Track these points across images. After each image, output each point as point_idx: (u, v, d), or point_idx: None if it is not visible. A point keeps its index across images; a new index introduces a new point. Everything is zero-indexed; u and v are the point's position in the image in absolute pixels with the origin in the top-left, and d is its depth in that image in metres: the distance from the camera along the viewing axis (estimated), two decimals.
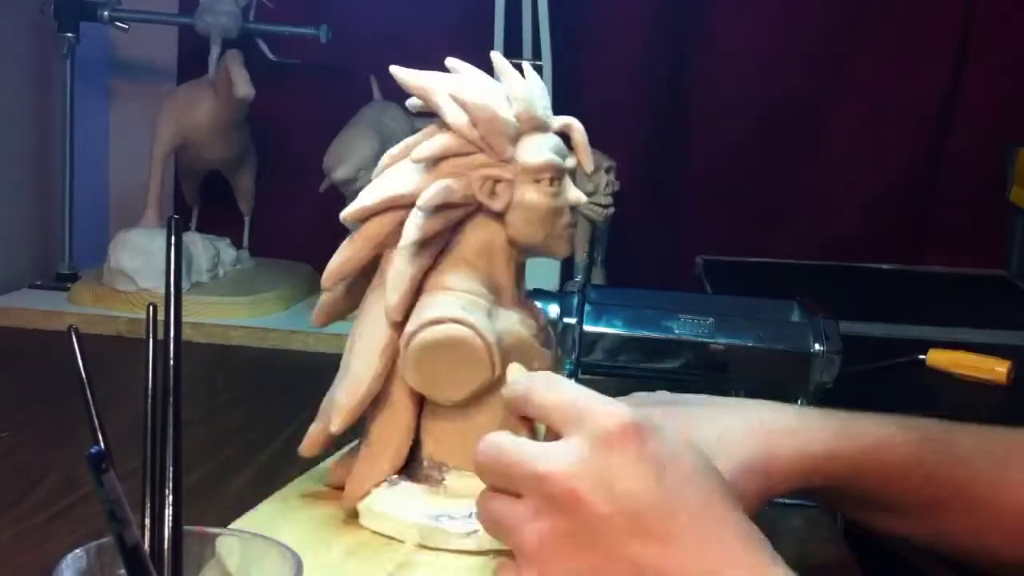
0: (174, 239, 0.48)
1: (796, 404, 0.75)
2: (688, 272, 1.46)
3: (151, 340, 0.47)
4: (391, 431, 0.65)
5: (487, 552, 0.60)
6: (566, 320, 0.90)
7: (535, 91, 0.66)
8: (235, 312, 1.26)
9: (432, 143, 0.64)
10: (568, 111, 0.68)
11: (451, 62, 0.66)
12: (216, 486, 0.79)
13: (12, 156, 1.42)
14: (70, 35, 1.36)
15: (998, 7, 1.47)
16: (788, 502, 0.80)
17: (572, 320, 0.91)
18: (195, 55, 1.42)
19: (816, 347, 0.86)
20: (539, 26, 1.27)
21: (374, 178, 0.67)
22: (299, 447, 0.67)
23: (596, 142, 0.69)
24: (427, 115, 0.66)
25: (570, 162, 0.66)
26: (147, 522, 0.45)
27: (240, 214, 1.45)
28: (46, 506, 0.75)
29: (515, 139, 0.64)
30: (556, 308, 0.90)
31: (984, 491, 0.67)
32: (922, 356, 1.12)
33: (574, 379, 0.90)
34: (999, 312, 1.32)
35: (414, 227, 0.62)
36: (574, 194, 0.65)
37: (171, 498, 0.45)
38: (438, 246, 0.65)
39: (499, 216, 0.64)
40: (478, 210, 0.64)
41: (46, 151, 1.45)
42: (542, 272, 1.09)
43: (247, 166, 1.43)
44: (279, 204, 1.50)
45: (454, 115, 0.63)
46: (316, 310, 0.70)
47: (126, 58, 1.58)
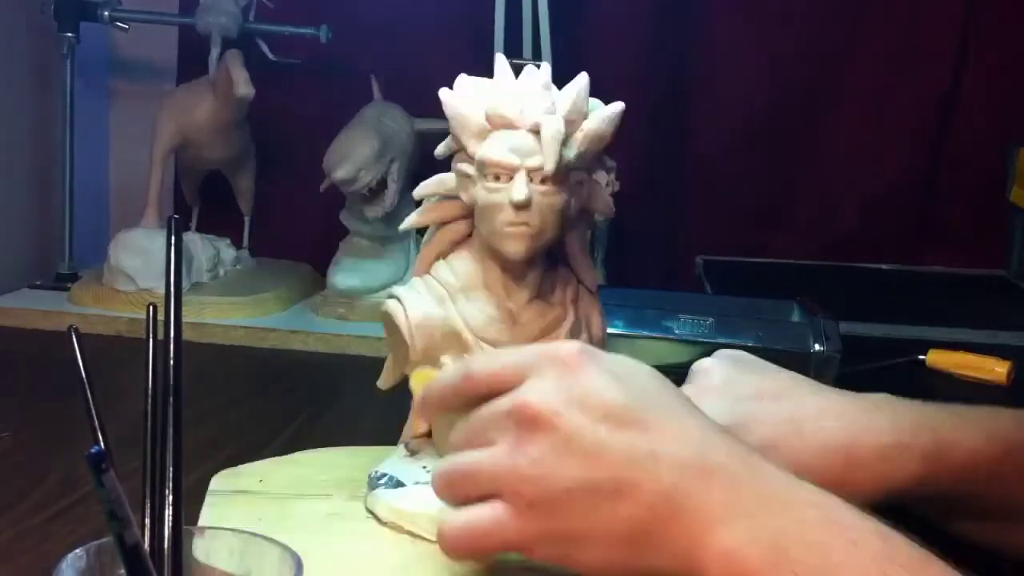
0: (174, 239, 0.48)
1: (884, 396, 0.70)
2: (688, 272, 1.46)
3: (151, 340, 0.47)
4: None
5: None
6: None
7: (523, 90, 0.66)
8: (235, 312, 1.26)
9: (445, 142, 0.69)
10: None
11: (499, 61, 0.69)
12: None
13: (12, 156, 1.42)
14: (70, 35, 1.36)
15: (998, 7, 1.47)
16: None
17: None
18: (195, 55, 1.42)
19: (816, 347, 0.86)
20: (539, 26, 1.27)
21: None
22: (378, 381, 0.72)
23: None
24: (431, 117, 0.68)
25: (532, 160, 0.65)
26: (147, 522, 0.45)
27: (240, 214, 1.45)
28: (46, 506, 0.74)
29: (483, 136, 0.65)
30: None
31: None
32: (922, 356, 1.12)
33: None
34: (999, 312, 1.32)
35: (413, 215, 0.70)
36: (514, 191, 0.64)
37: (171, 498, 0.45)
38: (456, 234, 0.69)
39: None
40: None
41: (46, 151, 1.45)
42: None
43: (247, 166, 1.43)
44: (279, 204, 1.50)
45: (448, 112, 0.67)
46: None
47: (126, 58, 1.58)
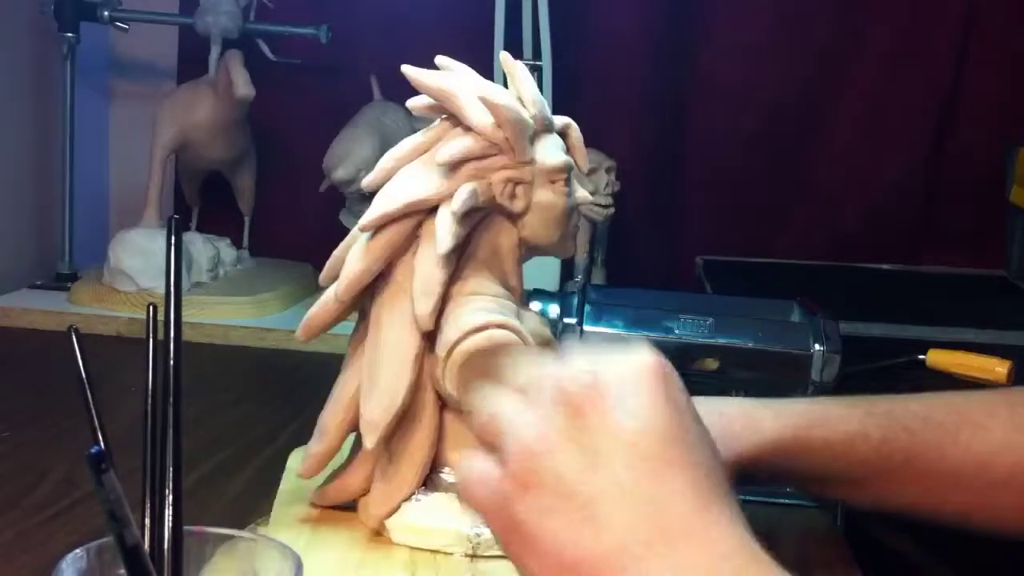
0: (174, 239, 0.47)
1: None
2: (688, 272, 1.46)
3: (151, 340, 0.47)
4: (417, 444, 0.64)
5: None
6: (566, 320, 0.90)
7: (534, 92, 0.66)
8: (235, 312, 1.26)
9: (457, 145, 0.63)
10: (568, 111, 0.68)
11: (441, 60, 0.66)
12: (216, 486, 0.79)
13: (12, 156, 1.42)
14: (70, 35, 1.36)
15: (998, 7, 1.47)
16: (788, 502, 0.80)
17: (572, 320, 0.91)
18: (195, 55, 1.42)
19: (816, 347, 0.86)
20: (539, 26, 1.27)
21: (375, 178, 0.66)
22: (299, 470, 0.67)
23: (596, 142, 0.69)
24: (428, 116, 0.66)
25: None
26: (147, 522, 0.45)
27: (240, 214, 1.45)
28: (46, 506, 0.75)
29: (533, 140, 0.64)
30: (556, 308, 0.90)
31: (934, 457, 0.69)
32: (922, 356, 1.11)
33: None
34: (999, 312, 1.32)
35: (448, 233, 0.61)
36: (582, 194, 0.65)
37: (171, 498, 0.45)
38: (458, 251, 0.64)
39: (511, 218, 0.64)
40: (490, 213, 0.64)
41: (46, 151, 1.45)
42: (542, 272, 1.09)
43: (247, 166, 1.43)
44: (279, 204, 1.50)
45: (479, 117, 0.62)
46: (301, 328, 0.68)
47: (126, 58, 1.58)
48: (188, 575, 0.46)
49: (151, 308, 0.48)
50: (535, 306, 0.82)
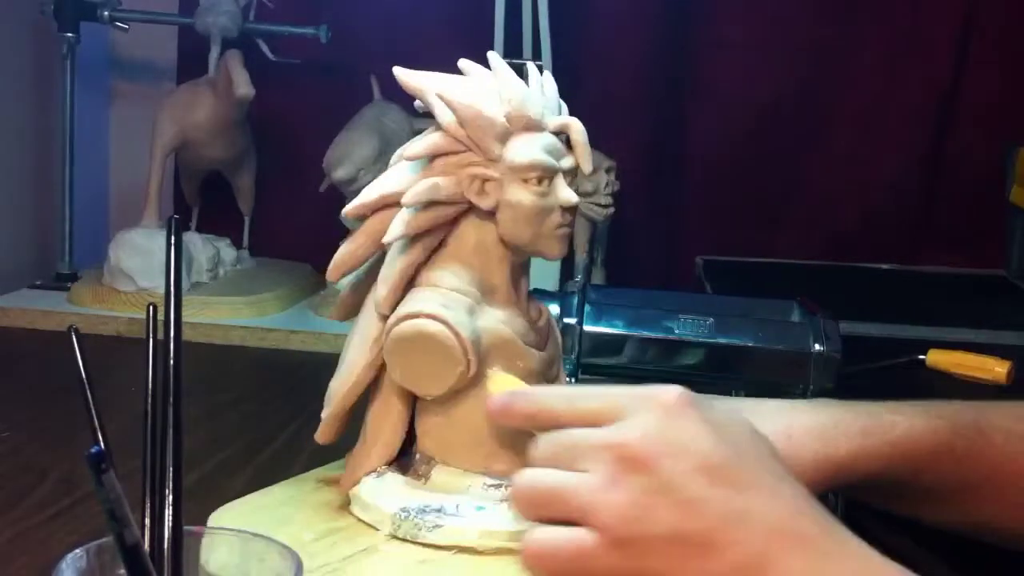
0: (174, 239, 0.48)
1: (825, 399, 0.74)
2: (688, 272, 1.46)
3: (151, 340, 0.47)
4: (382, 423, 0.67)
5: (449, 547, 0.61)
6: (566, 320, 0.90)
7: (533, 91, 0.66)
8: (235, 312, 1.26)
9: (422, 141, 0.65)
10: (568, 111, 0.68)
11: (464, 64, 0.66)
12: (216, 486, 0.79)
13: (12, 156, 1.42)
14: (70, 35, 1.36)
15: (998, 7, 1.47)
16: None
17: (572, 320, 0.91)
18: (195, 55, 1.42)
19: (816, 347, 0.86)
20: (539, 26, 1.27)
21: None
22: (315, 435, 0.69)
23: (596, 142, 0.69)
24: (430, 115, 0.66)
25: (566, 162, 0.65)
26: (147, 522, 0.45)
27: (240, 214, 1.45)
28: (46, 506, 0.75)
29: (504, 138, 0.64)
30: (556, 308, 0.90)
31: (1015, 473, 0.67)
32: (922, 356, 1.11)
33: (574, 380, 0.90)
34: (999, 312, 1.32)
35: (400, 222, 0.64)
36: (564, 194, 0.64)
37: (171, 498, 0.45)
38: (433, 242, 0.65)
39: (491, 215, 0.65)
40: (472, 209, 0.65)
41: (46, 151, 1.45)
42: (542, 272, 1.09)
43: (247, 166, 1.43)
44: (279, 204, 1.50)
45: (443, 114, 0.64)
46: (334, 307, 0.72)
47: (126, 58, 1.58)
48: (188, 575, 0.46)
49: (151, 308, 0.48)
50: None
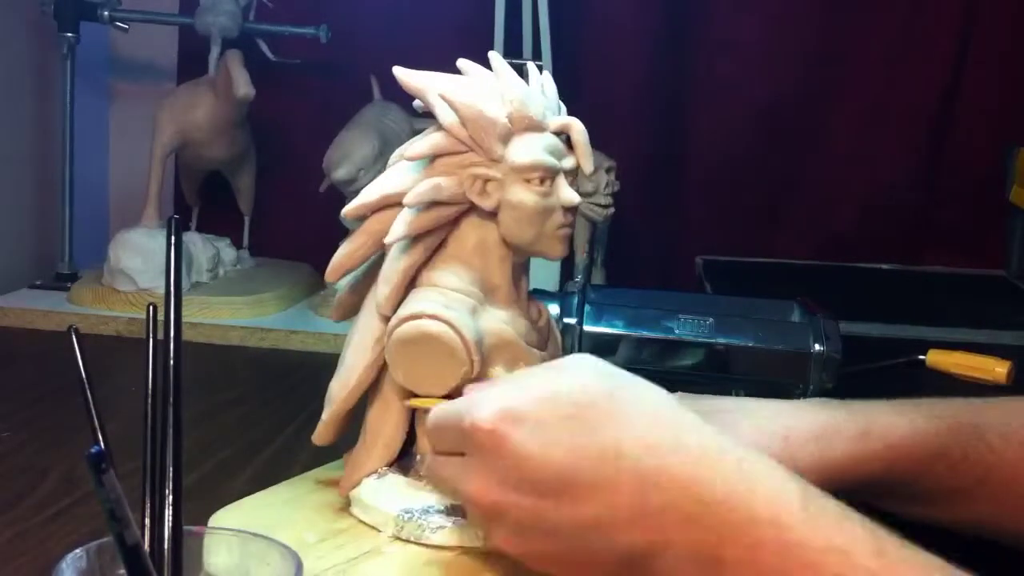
0: (174, 239, 0.48)
1: (823, 399, 0.74)
2: (688, 272, 1.46)
3: (151, 340, 0.47)
4: (382, 423, 0.67)
5: (453, 548, 0.61)
6: (566, 320, 0.90)
7: (533, 91, 0.66)
8: (235, 312, 1.26)
9: (423, 141, 0.65)
10: (568, 111, 0.68)
11: (462, 63, 0.66)
12: (216, 486, 0.79)
13: (12, 156, 1.42)
14: (70, 35, 1.36)
15: (998, 7, 1.47)
16: None
17: (572, 320, 0.91)
18: (195, 55, 1.42)
19: (816, 347, 0.86)
20: (539, 26, 1.27)
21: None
22: (312, 436, 0.69)
23: (596, 142, 0.69)
24: (429, 115, 0.66)
25: (567, 162, 0.66)
26: (147, 522, 0.45)
27: (240, 214, 1.45)
28: (46, 506, 0.75)
29: (506, 138, 0.64)
30: (556, 308, 0.90)
31: (1011, 474, 0.67)
32: (922, 356, 1.11)
33: None
34: (999, 312, 1.32)
35: (402, 223, 0.64)
36: (566, 194, 0.65)
37: (171, 498, 0.45)
38: (433, 243, 0.65)
39: (493, 215, 0.65)
40: (473, 209, 0.65)
41: (46, 151, 1.45)
42: (542, 272, 1.09)
43: (247, 166, 1.43)
44: (279, 204, 1.50)
45: (445, 114, 0.64)
46: (333, 308, 0.72)
47: (126, 58, 1.58)
48: (188, 575, 0.46)
49: (151, 308, 0.48)
50: None
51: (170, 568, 0.45)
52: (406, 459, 0.67)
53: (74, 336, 0.45)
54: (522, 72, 0.67)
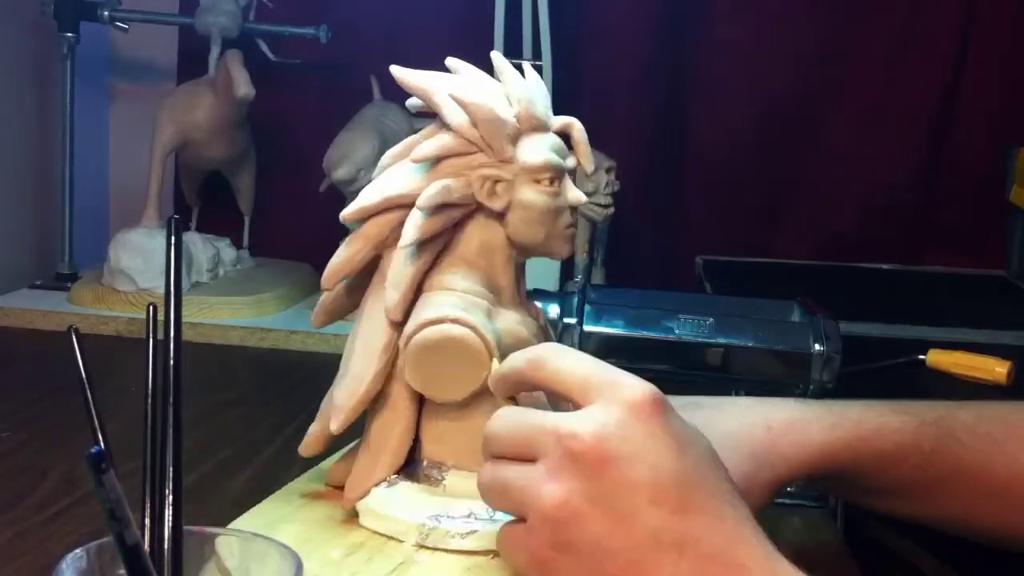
0: (174, 239, 0.48)
1: (797, 397, 0.77)
2: (688, 272, 1.46)
3: (151, 340, 0.47)
4: (390, 431, 0.65)
5: (487, 552, 0.60)
6: (566, 320, 0.90)
7: (536, 91, 0.66)
8: (235, 312, 1.26)
9: (431, 143, 0.64)
10: (568, 111, 0.68)
11: (451, 62, 0.66)
12: (216, 486, 0.79)
13: (12, 156, 1.42)
14: (70, 35, 1.36)
15: (998, 7, 1.47)
16: (788, 502, 0.80)
17: (572, 320, 0.91)
18: (195, 55, 1.42)
19: (816, 347, 0.86)
20: (539, 26, 1.27)
21: (375, 177, 0.67)
22: (299, 447, 0.68)
23: (596, 142, 0.69)
24: (427, 115, 0.66)
25: (570, 162, 0.66)
26: (147, 522, 0.45)
27: (240, 214, 1.45)
28: (46, 506, 0.75)
29: (515, 139, 0.64)
30: (556, 308, 0.90)
31: (979, 470, 0.68)
32: (922, 356, 1.11)
33: None
34: (999, 312, 1.32)
35: (413, 227, 0.63)
36: (574, 194, 0.65)
37: (171, 498, 0.45)
38: (438, 245, 0.65)
39: (499, 216, 0.64)
40: (478, 210, 0.65)
41: (46, 151, 1.45)
42: (542, 272, 1.09)
43: (247, 166, 1.43)
44: (279, 204, 1.50)
45: (454, 115, 0.63)
46: (315, 310, 0.70)
47: (126, 58, 1.58)
48: (188, 575, 0.46)
49: (151, 308, 0.48)
50: None
51: (170, 568, 0.45)
52: (411, 466, 0.66)
53: (74, 336, 0.45)
54: (520, 72, 0.67)
